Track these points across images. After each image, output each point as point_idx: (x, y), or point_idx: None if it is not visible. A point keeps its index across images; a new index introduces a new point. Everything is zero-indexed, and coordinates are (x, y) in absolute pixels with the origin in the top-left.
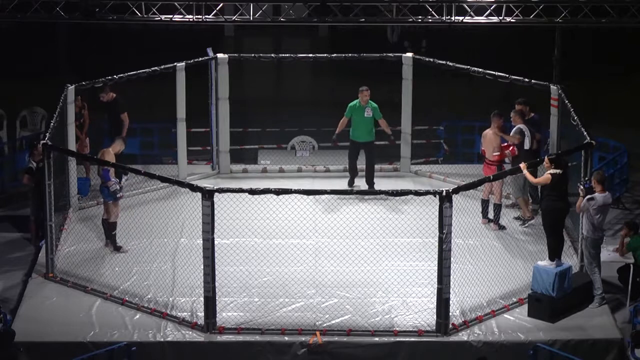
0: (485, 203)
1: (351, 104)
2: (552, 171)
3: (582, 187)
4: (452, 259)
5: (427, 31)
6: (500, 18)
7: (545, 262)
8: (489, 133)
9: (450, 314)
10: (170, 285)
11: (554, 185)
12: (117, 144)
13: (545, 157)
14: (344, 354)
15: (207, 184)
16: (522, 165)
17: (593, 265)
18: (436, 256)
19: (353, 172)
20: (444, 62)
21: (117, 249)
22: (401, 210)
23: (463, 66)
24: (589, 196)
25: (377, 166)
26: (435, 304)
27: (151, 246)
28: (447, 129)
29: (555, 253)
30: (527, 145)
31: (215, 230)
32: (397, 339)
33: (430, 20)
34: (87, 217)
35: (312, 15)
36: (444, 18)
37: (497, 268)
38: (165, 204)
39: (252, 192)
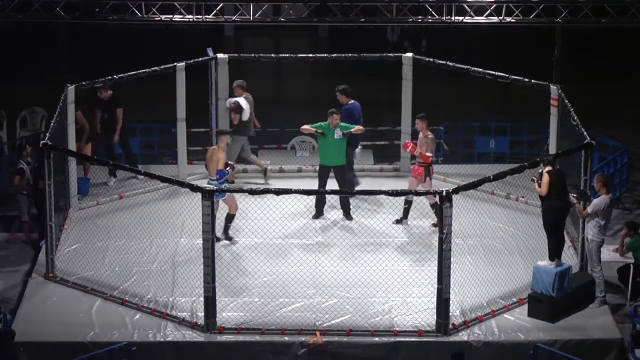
0: (409, 204)
1: (319, 124)
2: (546, 169)
3: (574, 195)
4: (452, 259)
5: (427, 31)
6: (500, 18)
7: (545, 262)
8: (420, 136)
9: (450, 314)
10: (170, 285)
11: (552, 183)
12: (223, 139)
13: (541, 158)
14: (344, 354)
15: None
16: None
17: (598, 267)
18: (436, 256)
19: (321, 202)
20: (444, 62)
21: (229, 239)
22: (401, 210)
23: (463, 66)
24: (593, 202)
25: (377, 166)
26: (435, 304)
27: (151, 246)
28: (447, 129)
29: (555, 253)
30: (245, 117)
31: (215, 230)
32: (397, 339)
33: (430, 20)
34: (87, 217)
35: (312, 15)
36: (444, 18)
37: (497, 268)
38: (165, 204)
39: (252, 192)
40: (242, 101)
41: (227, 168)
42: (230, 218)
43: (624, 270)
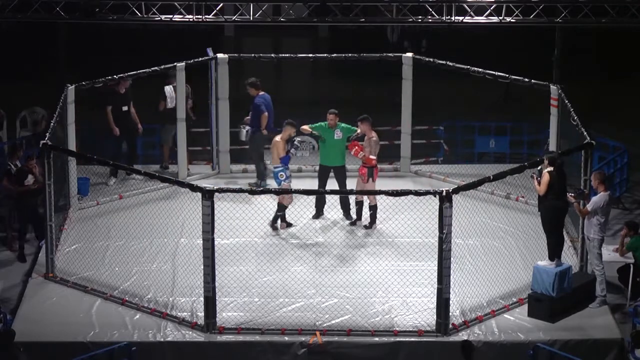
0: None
1: (319, 124)
2: (547, 169)
3: (572, 194)
4: (452, 259)
5: (427, 31)
6: (500, 18)
7: (545, 262)
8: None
9: (450, 314)
10: (170, 285)
11: (551, 185)
12: (286, 129)
13: (545, 156)
14: (344, 354)
15: (207, 184)
16: (542, 179)
17: (600, 266)
18: (436, 256)
19: (320, 202)
20: (444, 62)
21: (274, 228)
22: (401, 210)
23: (463, 66)
24: (592, 199)
25: (377, 166)
26: (435, 304)
27: (151, 246)
28: (447, 129)
29: (555, 253)
30: (169, 105)
31: (215, 230)
32: (397, 339)
33: (430, 20)
34: (87, 217)
35: (312, 15)
36: (444, 18)
37: (497, 268)
38: (165, 204)
39: (252, 192)
40: (168, 89)
41: (292, 149)
42: (282, 207)
43: (624, 270)
